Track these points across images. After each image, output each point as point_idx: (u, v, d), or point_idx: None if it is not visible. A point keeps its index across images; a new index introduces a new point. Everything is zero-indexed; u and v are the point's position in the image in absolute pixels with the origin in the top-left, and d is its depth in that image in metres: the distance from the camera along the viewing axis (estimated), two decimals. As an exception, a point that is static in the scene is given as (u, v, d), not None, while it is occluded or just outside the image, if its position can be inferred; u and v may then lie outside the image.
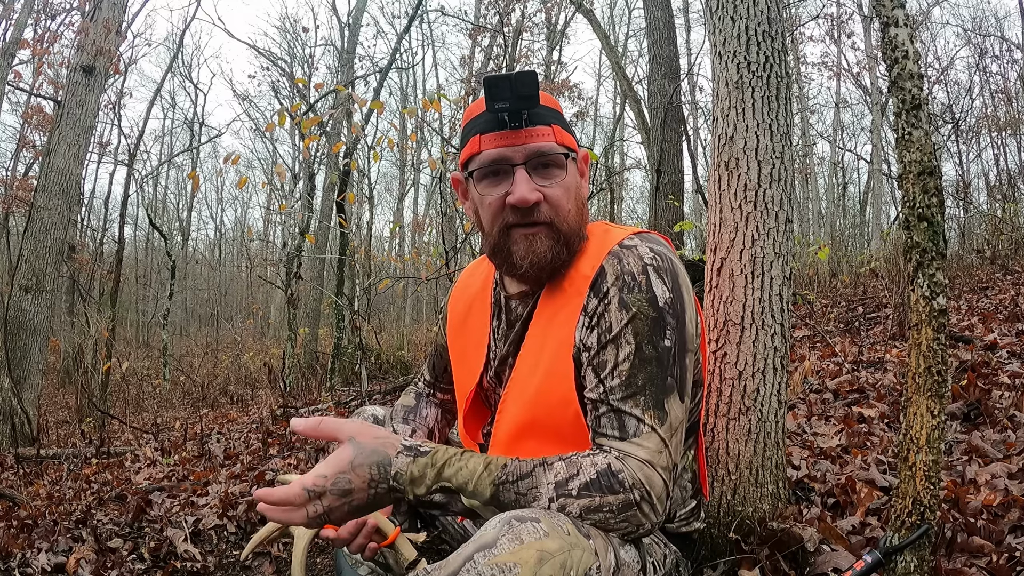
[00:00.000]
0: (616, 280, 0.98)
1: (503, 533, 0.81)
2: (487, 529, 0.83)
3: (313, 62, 18.54)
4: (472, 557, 0.79)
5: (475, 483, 0.88)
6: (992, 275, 6.00)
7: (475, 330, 1.20)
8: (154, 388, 9.50)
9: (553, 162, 1.01)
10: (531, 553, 0.79)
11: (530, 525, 0.82)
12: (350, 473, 0.87)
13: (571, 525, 0.86)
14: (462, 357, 1.23)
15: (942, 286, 1.05)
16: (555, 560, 0.80)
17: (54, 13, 10.06)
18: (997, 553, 1.32)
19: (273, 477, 2.67)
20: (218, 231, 26.63)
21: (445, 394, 1.37)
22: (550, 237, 1.01)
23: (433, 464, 0.89)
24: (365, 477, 0.88)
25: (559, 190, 1.01)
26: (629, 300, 0.96)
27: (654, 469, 0.91)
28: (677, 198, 6.71)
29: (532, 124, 0.99)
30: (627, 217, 20.18)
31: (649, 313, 0.96)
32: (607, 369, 0.96)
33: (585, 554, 0.84)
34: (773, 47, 1.57)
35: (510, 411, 1.08)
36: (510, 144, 0.99)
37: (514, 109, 0.97)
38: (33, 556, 1.93)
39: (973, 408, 2.28)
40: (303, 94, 12.04)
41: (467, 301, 1.24)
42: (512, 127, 0.98)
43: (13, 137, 13.86)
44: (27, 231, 5.99)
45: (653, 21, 7.17)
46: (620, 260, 1.00)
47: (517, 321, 1.12)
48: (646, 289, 0.97)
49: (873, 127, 13.62)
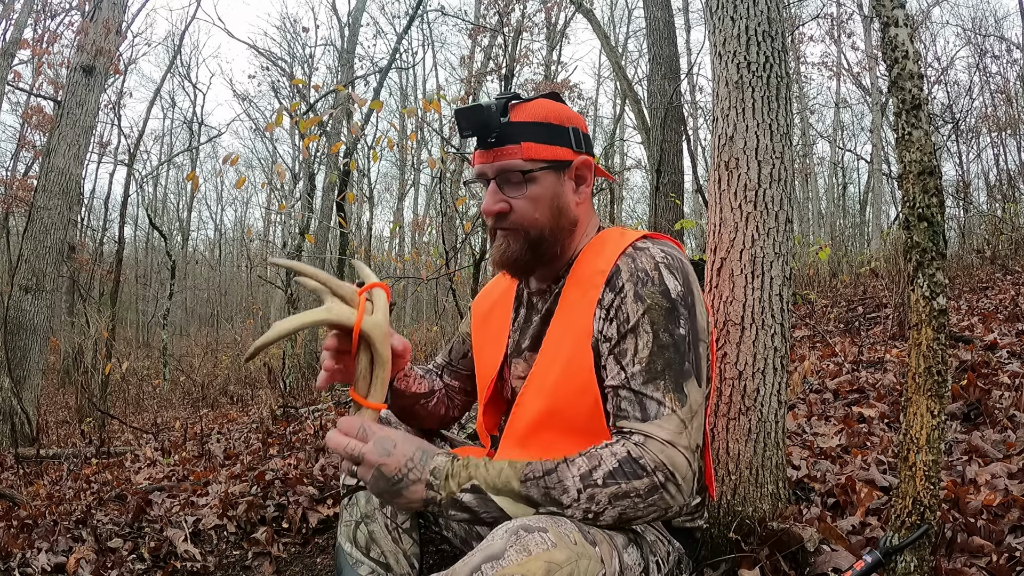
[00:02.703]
0: (631, 276, 1.05)
1: (510, 544, 0.82)
2: (494, 539, 0.84)
3: (313, 62, 18.55)
4: (479, 568, 0.80)
5: (502, 479, 0.92)
6: (992, 275, 6.00)
7: (497, 323, 1.28)
8: (154, 388, 9.51)
9: (516, 179, 1.10)
10: (539, 565, 0.80)
11: (537, 536, 0.83)
12: (396, 445, 0.95)
13: (578, 534, 0.87)
14: (483, 348, 1.30)
15: (942, 286, 1.05)
16: (563, 571, 0.81)
17: (54, 13, 10.07)
18: (997, 553, 1.32)
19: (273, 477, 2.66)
20: (218, 231, 26.63)
21: (453, 379, 1.41)
22: (517, 241, 1.12)
23: (465, 465, 0.95)
24: (406, 454, 0.94)
25: (524, 201, 1.11)
26: (643, 293, 1.03)
27: (676, 449, 0.94)
28: (677, 198, 6.70)
29: (500, 144, 1.10)
30: (627, 217, 20.17)
31: (663, 304, 1.02)
32: (628, 356, 1.01)
33: (592, 563, 0.85)
34: (773, 47, 1.57)
35: (529, 401, 1.12)
36: (484, 161, 1.12)
37: (481, 133, 1.10)
38: (33, 556, 1.93)
39: (973, 408, 2.28)
40: (303, 94, 12.04)
41: (494, 297, 1.32)
42: (485, 146, 1.11)
43: (13, 137, 13.87)
44: (27, 231, 5.99)
45: (653, 21, 7.16)
46: (634, 259, 1.07)
47: (537, 315, 1.19)
48: (659, 283, 1.03)
49: (873, 127, 13.62)
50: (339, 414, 4.26)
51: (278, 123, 4.15)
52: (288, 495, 2.36)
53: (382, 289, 1.04)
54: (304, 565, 2.02)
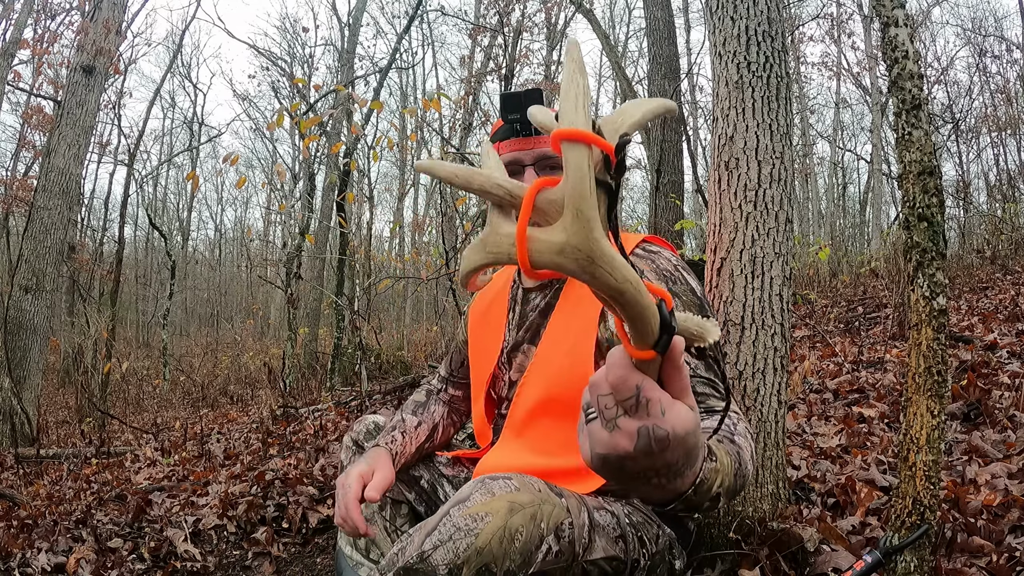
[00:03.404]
0: (659, 276, 1.08)
1: (475, 489, 0.86)
2: (462, 490, 0.88)
3: (313, 62, 18.56)
4: (448, 512, 0.83)
5: (732, 479, 0.82)
6: (992, 275, 6.00)
7: (494, 321, 1.29)
8: (154, 388, 9.50)
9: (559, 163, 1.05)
10: (502, 503, 0.83)
11: (502, 481, 0.87)
12: (684, 435, 0.71)
13: (544, 485, 0.90)
14: (480, 345, 1.31)
15: (942, 286, 1.05)
16: (526, 511, 0.83)
17: (54, 13, 10.07)
18: (997, 553, 1.32)
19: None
20: (218, 231, 26.61)
21: (457, 389, 1.42)
22: None
23: (719, 471, 0.80)
24: (683, 453, 0.72)
25: None
26: (677, 290, 1.06)
27: (747, 422, 1.01)
28: (677, 198, 6.70)
29: (540, 132, 1.10)
30: (627, 217, 20.16)
31: (695, 302, 1.07)
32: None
33: (556, 509, 0.87)
34: (773, 47, 1.57)
35: (529, 390, 1.14)
36: (521, 148, 1.13)
37: (524, 120, 1.10)
38: (33, 556, 1.93)
39: (973, 408, 2.28)
40: (303, 94, 12.04)
41: (490, 297, 1.34)
42: (523, 135, 1.13)
43: (13, 137, 13.86)
44: (27, 231, 5.99)
45: (653, 21, 7.17)
46: (653, 260, 1.10)
47: (534, 310, 1.20)
48: (685, 282, 1.08)
49: (873, 127, 13.61)
50: (339, 414, 4.25)
51: (278, 123, 4.15)
52: (288, 495, 2.36)
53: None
54: (304, 565, 2.02)
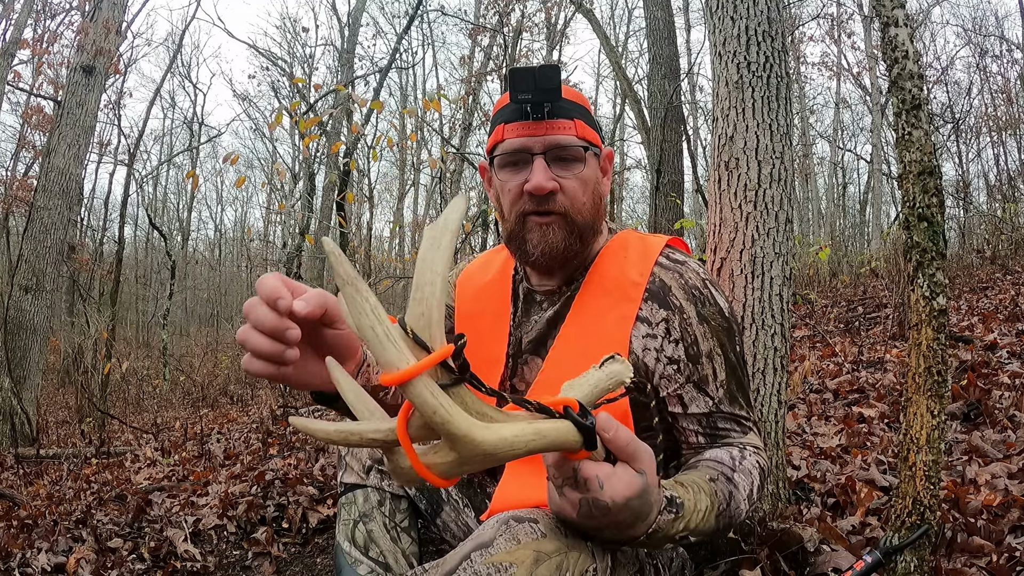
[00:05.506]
0: (687, 296, 1.03)
1: (500, 533, 0.81)
2: (485, 528, 0.83)
3: (313, 62, 18.56)
4: (469, 556, 0.79)
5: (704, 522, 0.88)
6: (992, 275, 6.00)
7: (493, 314, 1.17)
8: (154, 388, 9.49)
9: (572, 155, 1.03)
10: (527, 553, 0.79)
11: (528, 526, 0.82)
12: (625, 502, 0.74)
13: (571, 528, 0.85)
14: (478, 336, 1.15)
15: (942, 286, 1.05)
16: (551, 561, 0.79)
17: (54, 13, 10.07)
18: (997, 553, 1.32)
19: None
20: (218, 231, 26.61)
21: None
22: (563, 228, 1.03)
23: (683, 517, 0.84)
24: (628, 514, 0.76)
25: (576, 182, 1.03)
26: (706, 314, 1.02)
27: (764, 456, 1.02)
28: (677, 197, 6.71)
29: (553, 116, 1.01)
30: (627, 217, 20.17)
31: (724, 325, 1.04)
32: (711, 383, 1.03)
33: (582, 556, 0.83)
34: (773, 47, 1.57)
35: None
36: (531, 134, 1.02)
37: (536, 101, 1.00)
38: (33, 556, 1.93)
39: (973, 408, 2.28)
40: (303, 94, 12.04)
41: (484, 282, 1.21)
42: (534, 118, 1.01)
43: (13, 137, 13.86)
44: (27, 231, 5.99)
45: (653, 21, 7.17)
46: (681, 275, 1.04)
47: (541, 316, 1.11)
48: (714, 303, 1.03)
49: (873, 127, 13.62)
50: (339, 415, 4.25)
51: (278, 122, 4.15)
52: (288, 495, 2.36)
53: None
54: (304, 565, 2.02)
